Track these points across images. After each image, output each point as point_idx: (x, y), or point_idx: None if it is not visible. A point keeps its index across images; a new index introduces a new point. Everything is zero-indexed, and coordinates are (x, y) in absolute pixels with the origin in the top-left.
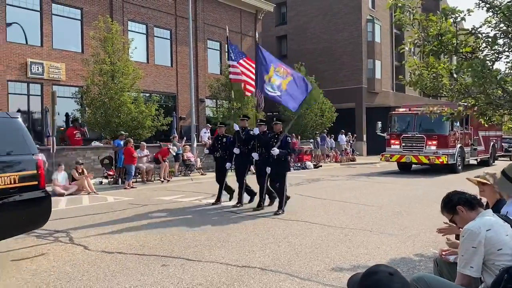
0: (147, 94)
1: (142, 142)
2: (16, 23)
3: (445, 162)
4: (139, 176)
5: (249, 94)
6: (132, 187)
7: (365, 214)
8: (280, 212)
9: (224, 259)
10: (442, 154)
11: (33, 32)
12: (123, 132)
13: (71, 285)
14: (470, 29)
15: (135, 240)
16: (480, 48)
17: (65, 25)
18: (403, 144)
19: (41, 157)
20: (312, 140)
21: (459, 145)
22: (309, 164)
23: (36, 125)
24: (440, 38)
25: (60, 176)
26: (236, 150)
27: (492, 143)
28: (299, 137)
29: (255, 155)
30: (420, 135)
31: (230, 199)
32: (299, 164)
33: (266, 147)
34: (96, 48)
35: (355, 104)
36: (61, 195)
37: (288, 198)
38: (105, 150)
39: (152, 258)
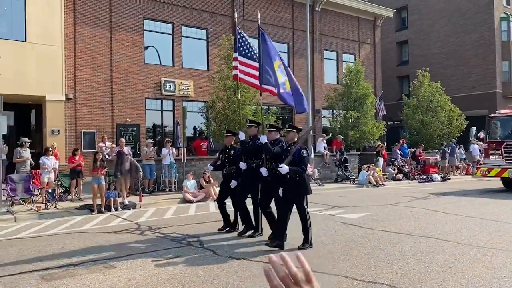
0: (265, 107)
1: None
2: (152, 46)
3: None
4: None
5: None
6: None
7: (506, 232)
8: (306, 246)
9: (348, 273)
10: None
11: (166, 53)
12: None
13: (204, 287)
14: None
15: (259, 247)
16: None
17: (193, 46)
18: (506, 155)
19: None
20: (437, 150)
21: None
22: (436, 176)
23: (169, 137)
24: None
25: (190, 184)
26: (242, 165)
27: None
28: (421, 148)
29: (263, 171)
30: None
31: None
32: (424, 177)
33: (277, 161)
34: (220, 65)
35: (488, 111)
36: (190, 201)
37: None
38: None
39: None
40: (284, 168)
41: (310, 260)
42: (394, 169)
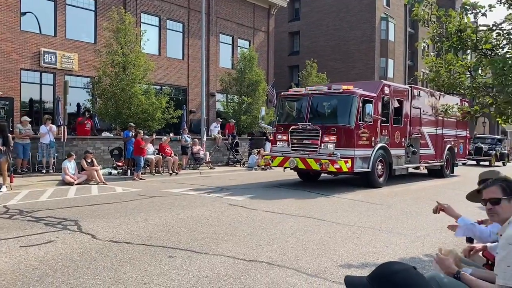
0: (158, 87)
1: (145, 136)
2: (31, 12)
3: (344, 170)
4: (148, 167)
5: None
6: (141, 179)
7: (374, 213)
8: None
9: (231, 252)
10: (342, 157)
11: (47, 21)
12: (132, 124)
13: (78, 272)
14: (491, 25)
15: (142, 230)
16: (501, 45)
17: (79, 16)
18: (291, 141)
19: None
20: None
21: (379, 145)
22: None
23: (48, 114)
24: (459, 34)
25: (71, 165)
26: None
27: (448, 145)
28: None
29: None
30: (313, 128)
31: None
32: None
33: None
34: (109, 39)
35: None
36: (71, 184)
37: None
38: (115, 141)
39: (159, 249)
40: None
41: (194, 241)
42: None
